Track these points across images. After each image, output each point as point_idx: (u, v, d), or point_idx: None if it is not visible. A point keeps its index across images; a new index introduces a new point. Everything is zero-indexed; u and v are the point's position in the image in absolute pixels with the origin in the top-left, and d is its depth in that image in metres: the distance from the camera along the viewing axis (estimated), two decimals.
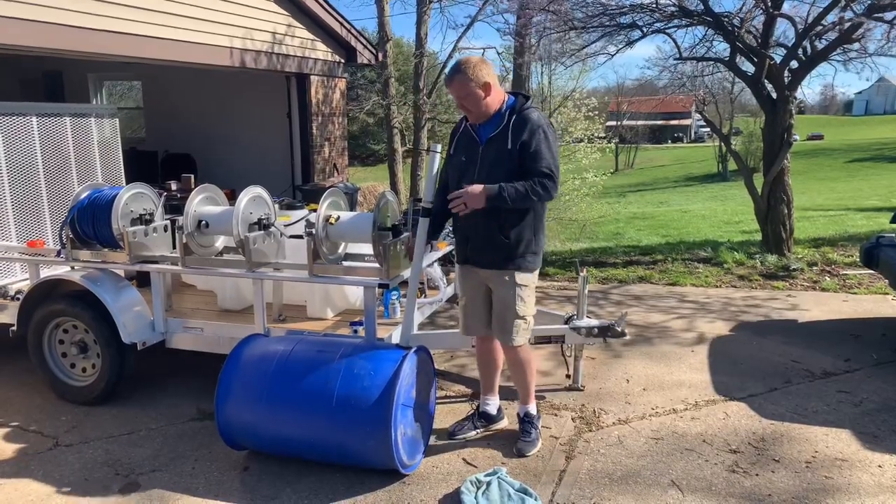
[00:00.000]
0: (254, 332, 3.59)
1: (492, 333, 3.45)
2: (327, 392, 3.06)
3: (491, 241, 3.23)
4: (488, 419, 3.63)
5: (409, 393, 3.16)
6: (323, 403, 3.06)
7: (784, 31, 7.66)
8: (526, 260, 3.26)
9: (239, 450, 3.37)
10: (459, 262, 3.47)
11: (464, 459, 3.35)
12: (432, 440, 3.49)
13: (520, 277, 3.27)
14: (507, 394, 4.06)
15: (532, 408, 3.54)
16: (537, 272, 3.37)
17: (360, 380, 3.06)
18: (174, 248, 4.02)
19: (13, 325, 4.14)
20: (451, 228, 3.97)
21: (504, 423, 3.67)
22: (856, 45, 6.91)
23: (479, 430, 3.59)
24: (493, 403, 3.66)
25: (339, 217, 3.68)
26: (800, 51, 7.04)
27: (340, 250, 3.90)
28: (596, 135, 20.61)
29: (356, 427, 3.04)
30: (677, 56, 7.77)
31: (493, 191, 3.06)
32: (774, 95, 7.20)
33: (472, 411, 3.71)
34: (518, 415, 3.55)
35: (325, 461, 3.24)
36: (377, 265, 3.58)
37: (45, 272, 4.22)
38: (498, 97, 3.18)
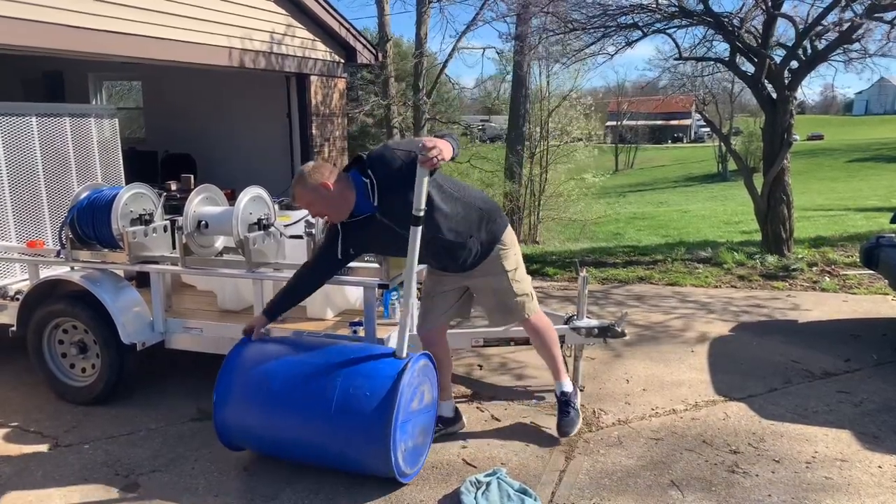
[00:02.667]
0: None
1: (445, 323, 3.52)
2: (325, 401, 3.00)
3: (461, 252, 3.21)
4: (446, 422, 3.58)
5: (408, 407, 3.06)
6: (321, 413, 3.01)
7: (784, 31, 7.66)
8: (491, 232, 3.25)
9: (237, 450, 3.36)
10: (436, 271, 3.44)
11: (464, 460, 3.35)
12: None
13: (505, 263, 3.28)
14: (512, 395, 4.08)
15: (566, 384, 3.53)
16: (514, 238, 3.37)
17: (358, 400, 2.97)
18: (174, 248, 4.02)
19: (13, 325, 4.14)
20: None
21: (461, 425, 3.63)
22: (856, 46, 6.91)
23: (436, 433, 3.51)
24: (446, 407, 3.59)
25: None
26: (800, 51, 7.04)
27: None
28: (594, 132, 20.61)
29: (355, 443, 3.00)
30: (677, 56, 7.78)
31: (443, 134, 3.04)
32: (774, 95, 7.20)
33: None
34: (555, 394, 3.56)
35: (324, 466, 3.23)
36: (377, 265, 3.58)
37: (45, 272, 4.22)
38: (342, 184, 3.02)
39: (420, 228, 3.01)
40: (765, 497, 2.99)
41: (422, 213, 2.95)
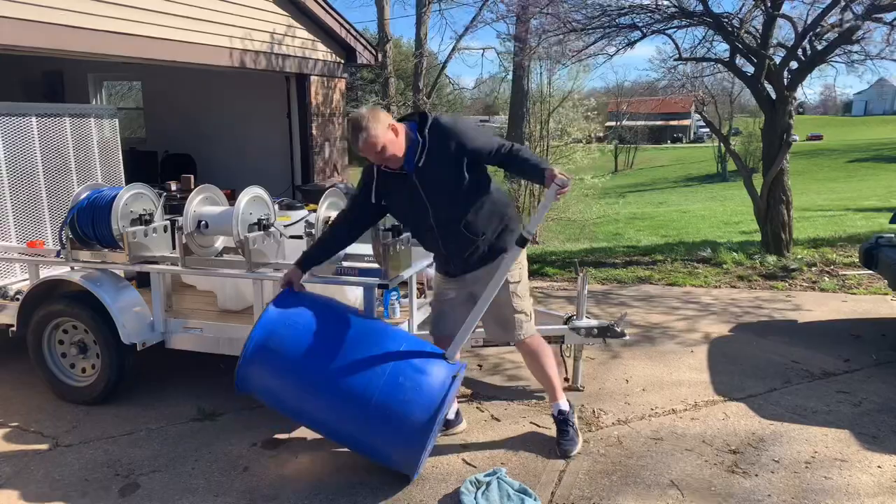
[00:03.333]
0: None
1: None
2: (367, 392, 2.90)
3: (471, 247, 3.20)
4: (447, 424, 3.58)
5: (444, 411, 3.03)
6: (360, 401, 2.91)
7: (785, 32, 7.66)
8: (504, 239, 3.23)
9: (247, 395, 3.26)
10: (440, 273, 3.43)
11: (463, 460, 3.35)
12: None
13: (510, 273, 3.22)
14: (512, 395, 4.08)
15: (563, 403, 3.46)
16: (524, 255, 3.32)
17: (405, 398, 2.88)
18: (174, 248, 4.02)
19: (13, 325, 4.14)
20: None
21: (462, 426, 3.64)
22: (856, 47, 6.92)
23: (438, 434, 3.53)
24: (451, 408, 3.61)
25: None
26: (799, 52, 7.04)
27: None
28: (594, 134, 20.61)
29: (388, 439, 2.95)
30: (677, 57, 7.78)
31: (547, 163, 3.05)
32: (774, 96, 7.21)
33: None
34: (552, 415, 3.49)
35: (340, 443, 3.19)
36: (377, 266, 3.58)
37: (45, 272, 4.22)
38: (402, 130, 3.04)
39: (521, 250, 3.07)
40: (764, 497, 2.99)
41: (530, 237, 3.00)
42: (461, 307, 3.36)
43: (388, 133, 2.97)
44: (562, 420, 3.44)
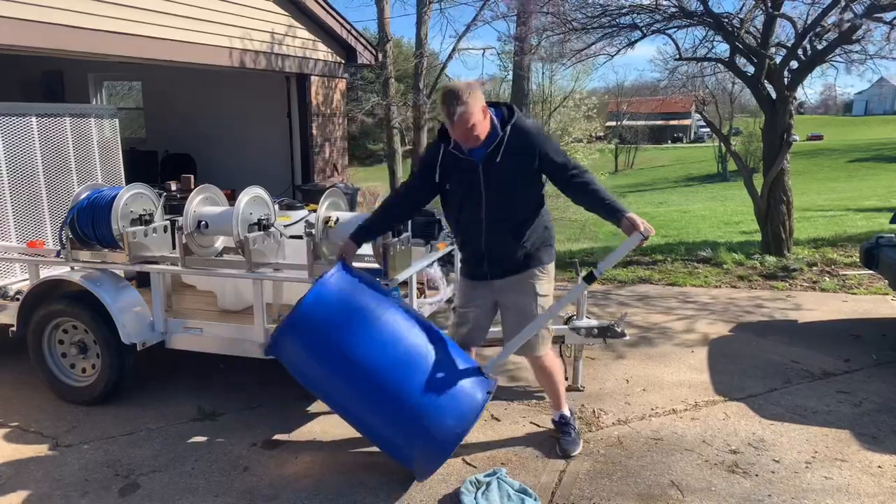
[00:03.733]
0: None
1: (482, 342, 3.46)
2: (403, 389, 2.85)
3: (511, 250, 3.16)
4: None
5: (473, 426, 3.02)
6: (393, 397, 2.85)
7: (786, 32, 7.66)
8: (541, 253, 3.22)
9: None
10: (467, 278, 3.35)
11: (463, 460, 3.35)
12: None
13: (539, 287, 3.21)
14: (512, 395, 4.07)
15: (565, 410, 3.50)
16: (553, 268, 3.31)
17: (440, 405, 2.85)
18: (174, 248, 4.02)
19: (13, 325, 4.14)
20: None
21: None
22: (856, 46, 6.91)
23: None
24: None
25: (338, 219, 3.68)
26: (799, 51, 7.04)
27: None
28: (595, 134, 20.60)
29: (415, 441, 2.90)
30: (677, 56, 7.78)
31: (620, 208, 2.97)
32: (774, 96, 7.20)
33: None
34: (553, 420, 3.53)
35: (360, 432, 3.15)
36: (377, 266, 3.58)
37: (45, 272, 4.22)
38: (488, 115, 3.03)
39: (584, 287, 3.07)
40: (764, 497, 2.99)
41: (599, 275, 2.96)
42: (485, 316, 3.35)
43: (481, 113, 2.95)
44: (563, 423, 3.47)
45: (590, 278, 3.02)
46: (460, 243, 3.36)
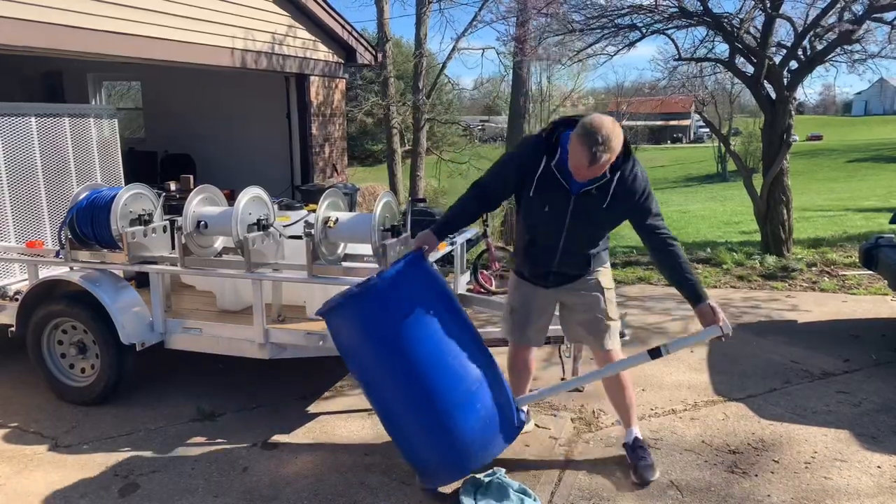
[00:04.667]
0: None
1: (541, 343, 3.43)
2: (444, 398, 2.80)
3: (579, 271, 3.12)
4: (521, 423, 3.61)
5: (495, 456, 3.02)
6: (431, 403, 2.80)
7: (785, 32, 7.66)
8: (603, 255, 3.19)
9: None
10: (527, 281, 3.25)
11: None
12: None
13: (603, 280, 3.18)
14: None
15: (637, 429, 3.31)
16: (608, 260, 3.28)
17: (475, 425, 2.82)
18: (173, 248, 4.02)
19: (12, 325, 4.14)
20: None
21: (531, 425, 3.65)
22: (856, 47, 6.91)
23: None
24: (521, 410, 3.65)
25: (337, 219, 3.68)
26: (799, 52, 7.04)
27: (340, 251, 3.89)
28: None
29: (440, 451, 2.88)
30: (677, 57, 7.78)
31: (702, 294, 2.92)
32: (774, 96, 7.21)
33: None
34: (625, 443, 3.29)
35: (382, 421, 3.08)
36: (377, 265, 3.58)
37: (44, 273, 4.22)
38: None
39: (647, 359, 2.99)
40: (764, 497, 2.99)
41: (666, 354, 2.92)
42: (547, 316, 3.30)
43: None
44: (639, 446, 3.25)
45: (655, 354, 2.92)
46: (523, 254, 3.22)
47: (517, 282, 3.33)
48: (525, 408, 3.01)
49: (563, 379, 4.20)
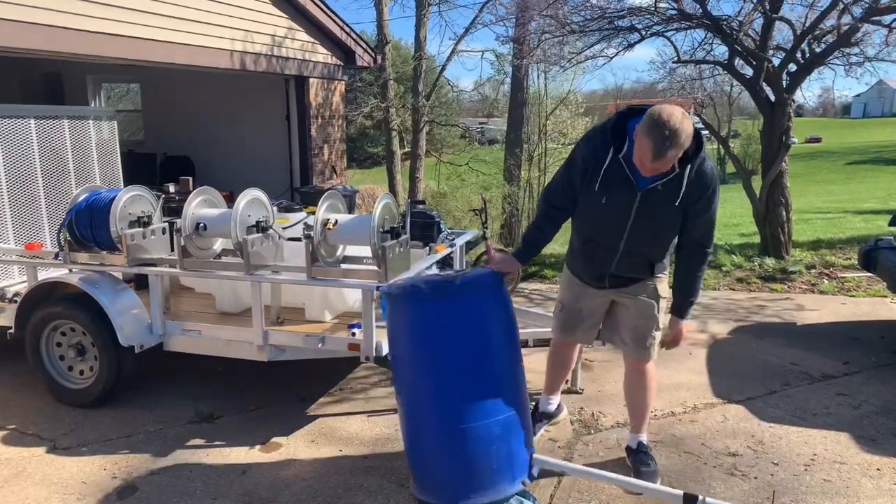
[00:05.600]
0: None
1: (590, 341, 3.40)
2: (469, 424, 2.76)
3: (638, 274, 3.02)
4: (551, 417, 3.65)
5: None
6: (455, 427, 2.77)
7: (784, 35, 7.67)
8: (664, 263, 3.07)
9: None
10: (581, 281, 3.17)
11: None
12: None
13: (661, 288, 3.06)
14: None
15: (645, 436, 3.28)
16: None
17: (486, 464, 2.79)
18: (172, 250, 4.02)
19: (11, 327, 4.13)
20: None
21: (564, 414, 3.70)
22: (855, 49, 6.92)
23: (544, 429, 3.60)
24: (554, 402, 3.68)
25: (336, 221, 3.68)
26: (798, 54, 7.05)
27: (339, 253, 3.89)
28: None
29: (447, 474, 2.84)
30: (676, 59, 7.79)
31: (687, 314, 2.94)
32: (773, 98, 7.21)
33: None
34: (629, 447, 3.26)
35: (400, 419, 3.02)
36: (375, 268, 3.57)
37: (43, 274, 4.21)
38: None
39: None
40: (763, 500, 2.99)
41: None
42: (595, 316, 3.23)
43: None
44: (643, 451, 3.22)
45: (690, 500, 2.68)
46: (580, 253, 3.11)
47: (570, 279, 3.23)
48: (535, 469, 2.97)
49: (565, 381, 4.19)
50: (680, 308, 2.97)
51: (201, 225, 3.85)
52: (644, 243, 2.92)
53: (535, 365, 4.39)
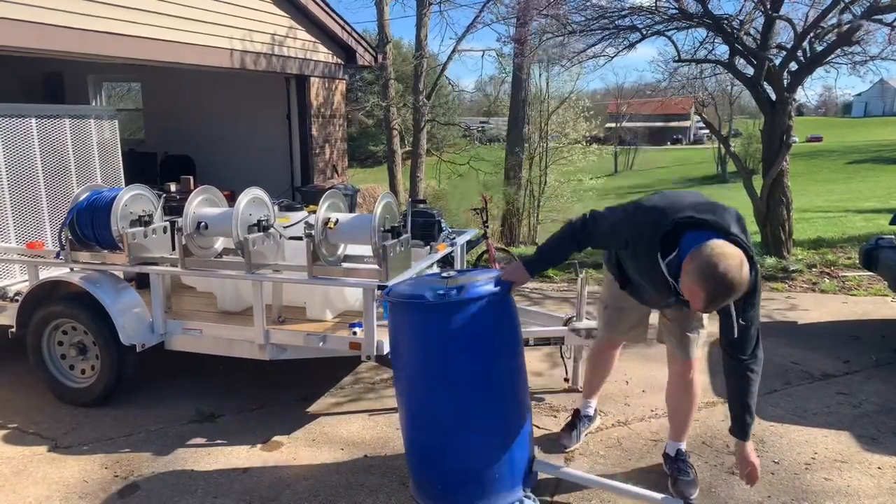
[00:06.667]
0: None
1: (630, 338, 3.41)
2: (467, 430, 2.79)
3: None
4: (591, 420, 3.64)
5: None
6: (452, 433, 2.80)
7: (786, 33, 7.66)
8: None
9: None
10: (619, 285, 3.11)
11: None
12: None
13: None
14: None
15: (684, 443, 3.22)
16: None
17: (482, 475, 2.80)
18: (173, 249, 4.02)
19: (12, 326, 4.13)
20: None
21: (599, 421, 3.71)
22: (856, 48, 6.91)
23: (584, 433, 3.57)
24: (593, 406, 3.67)
25: (337, 220, 3.68)
26: (799, 53, 7.04)
27: (340, 252, 3.89)
28: (592, 134, 20.56)
29: (442, 476, 2.86)
30: (676, 58, 7.78)
31: (749, 435, 2.76)
32: (774, 97, 7.21)
33: (571, 418, 3.60)
34: (667, 454, 3.20)
35: (401, 418, 3.02)
36: (376, 267, 3.58)
37: (45, 274, 4.22)
38: None
39: None
40: (764, 498, 2.99)
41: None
42: (643, 309, 3.21)
43: None
44: (682, 460, 3.17)
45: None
46: (629, 293, 3.08)
47: (611, 281, 3.20)
48: (536, 475, 2.99)
49: (566, 380, 4.21)
50: (741, 430, 2.76)
51: (202, 224, 3.85)
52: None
53: (535, 365, 4.41)
